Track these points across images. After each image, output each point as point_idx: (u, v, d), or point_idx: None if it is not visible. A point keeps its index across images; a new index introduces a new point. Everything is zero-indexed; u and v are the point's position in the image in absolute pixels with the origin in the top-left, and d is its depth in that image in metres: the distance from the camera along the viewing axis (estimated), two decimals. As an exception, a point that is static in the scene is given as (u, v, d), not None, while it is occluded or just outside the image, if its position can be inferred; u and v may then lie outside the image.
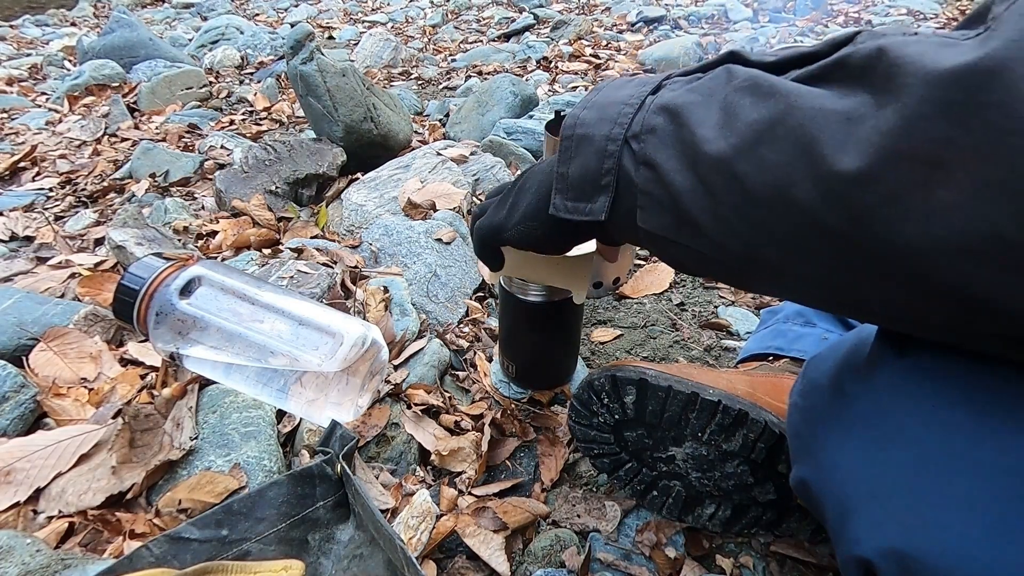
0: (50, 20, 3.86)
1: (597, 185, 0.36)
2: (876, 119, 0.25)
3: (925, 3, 2.74)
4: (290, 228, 1.05)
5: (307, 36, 1.19)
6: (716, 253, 0.33)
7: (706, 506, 0.54)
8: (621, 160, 0.35)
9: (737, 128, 0.30)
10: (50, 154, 1.42)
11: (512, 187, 0.45)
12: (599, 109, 0.37)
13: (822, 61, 0.29)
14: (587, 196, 0.37)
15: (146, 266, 0.63)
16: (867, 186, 0.25)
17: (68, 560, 0.47)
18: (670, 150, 0.32)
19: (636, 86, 0.37)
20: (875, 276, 0.27)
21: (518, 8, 3.30)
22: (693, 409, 0.50)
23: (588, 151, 0.36)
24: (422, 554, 0.53)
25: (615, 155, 0.35)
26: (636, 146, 0.34)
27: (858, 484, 0.34)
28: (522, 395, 0.71)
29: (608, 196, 0.36)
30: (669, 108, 0.33)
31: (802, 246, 0.29)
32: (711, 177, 0.30)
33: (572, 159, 0.37)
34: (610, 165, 0.35)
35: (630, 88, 0.37)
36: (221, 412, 0.62)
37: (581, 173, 0.37)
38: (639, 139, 0.34)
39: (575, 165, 0.37)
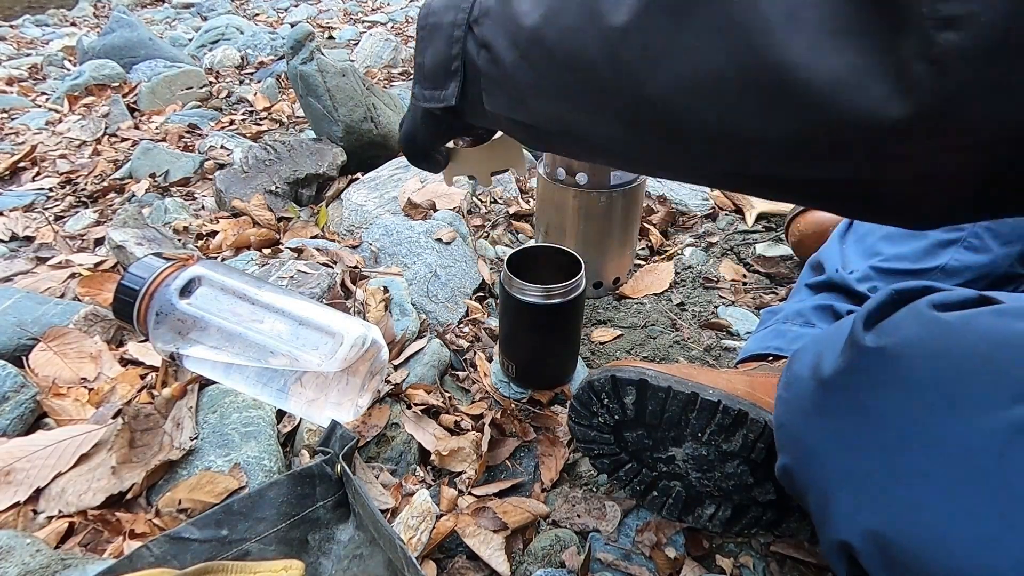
0: (50, 20, 3.86)
1: (448, 71, 0.38)
2: None
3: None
4: (290, 228, 1.05)
5: (307, 36, 1.19)
6: (546, 125, 0.35)
7: (706, 506, 0.54)
8: (466, 45, 0.36)
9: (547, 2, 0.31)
10: (50, 154, 1.42)
11: None
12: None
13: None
14: (440, 83, 0.38)
15: (146, 266, 0.63)
16: (630, 37, 0.27)
17: (68, 560, 0.47)
18: (500, 29, 0.34)
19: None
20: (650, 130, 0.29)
21: (518, 8, 3.30)
22: (693, 409, 0.50)
23: (438, 39, 0.37)
24: (422, 554, 0.53)
25: (460, 40, 0.36)
26: (477, 30, 0.36)
27: (836, 469, 0.35)
28: (522, 395, 0.71)
29: (458, 81, 0.37)
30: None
31: (596, 106, 0.31)
32: (529, 49, 0.32)
33: (426, 48, 0.39)
34: (457, 51, 0.37)
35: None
36: (221, 412, 0.62)
37: (433, 61, 0.38)
38: (479, 22, 0.35)
39: (428, 54, 0.38)
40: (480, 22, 0.35)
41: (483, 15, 0.35)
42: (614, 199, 0.82)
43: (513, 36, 0.33)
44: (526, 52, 0.32)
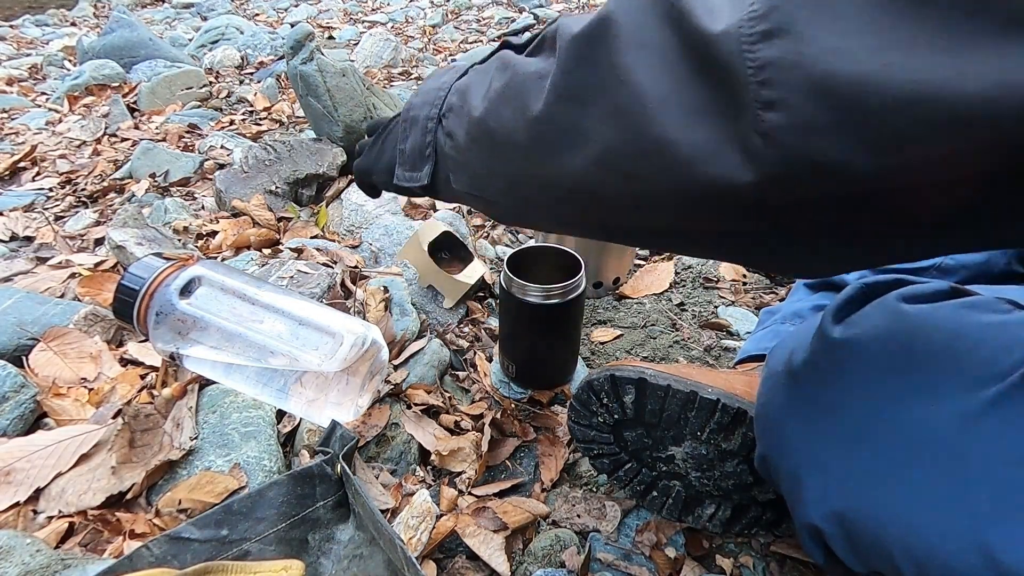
0: (50, 20, 3.86)
1: (423, 156, 0.45)
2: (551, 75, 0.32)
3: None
4: (290, 228, 1.05)
5: (307, 36, 1.19)
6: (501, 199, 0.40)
7: (706, 506, 0.54)
8: (437, 134, 0.43)
9: (488, 95, 0.37)
10: (50, 154, 1.42)
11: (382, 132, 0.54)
12: (424, 95, 0.45)
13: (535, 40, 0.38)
14: (417, 166, 0.45)
15: (146, 266, 0.63)
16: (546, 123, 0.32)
17: (68, 560, 0.47)
18: (459, 120, 0.40)
19: (451, 73, 0.44)
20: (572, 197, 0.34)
21: (518, 8, 3.30)
22: (692, 408, 0.50)
23: (416, 130, 0.45)
24: (422, 554, 0.53)
25: (432, 131, 0.44)
26: (444, 122, 0.42)
27: (805, 456, 0.38)
28: (522, 395, 0.71)
29: (430, 165, 0.45)
30: (461, 89, 0.42)
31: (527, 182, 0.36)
32: (478, 136, 0.38)
33: (407, 137, 0.46)
34: (430, 139, 0.44)
35: (446, 75, 0.45)
36: (221, 412, 0.62)
37: (412, 148, 0.45)
38: (446, 116, 0.42)
39: (408, 142, 0.46)
40: (447, 115, 0.42)
41: (448, 110, 0.42)
42: (614, 199, 0.82)
43: (467, 126, 0.39)
44: (476, 138, 0.39)
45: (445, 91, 0.43)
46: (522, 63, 0.36)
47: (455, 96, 0.42)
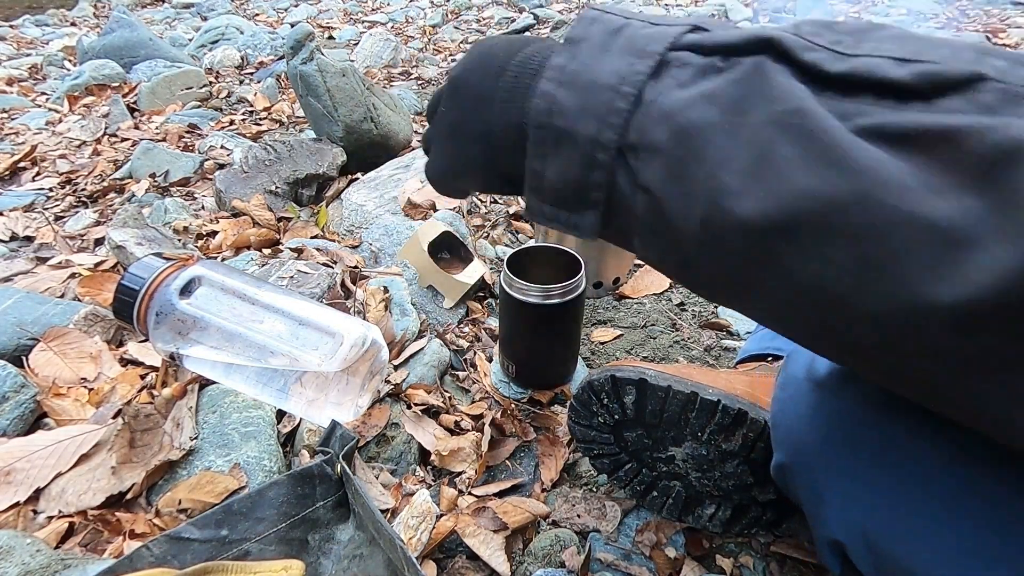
0: (50, 20, 3.85)
1: (584, 198, 0.29)
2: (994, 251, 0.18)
3: (925, 3, 2.74)
4: (290, 228, 1.05)
5: (307, 36, 1.19)
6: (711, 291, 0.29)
7: (706, 506, 0.54)
8: (615, 176, 0.28)
9: (777, 191, 0.22)
10: (50, 154, 1.42)
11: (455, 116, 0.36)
12: (579, 92, 0.28)
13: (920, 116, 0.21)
14: (569, 206, 0.30)
15: (146, 266, 0.63)
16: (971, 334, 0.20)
17: (68, 560, 0.47)
18: (679, 187, 0.25)
19: (627, 55, 0.27)
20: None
21: (518, 8, 3.30)
22: (692, 409, 0.50)
23: (568, 153, 0.28)
24: (422, 554, 0.53)
25: (606, 167, 0.27)
26: (634, 163, 0.27)
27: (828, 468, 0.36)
28: (522, 395, 0.71)
29: (596, 215, 0.29)
30: (678, 125, 0.25)
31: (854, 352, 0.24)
32: (735, 242, 0.24)
33: (548, 156, 0.30)
34: (600, 179, 0.28)
35: (618, 58, 0.27)
36: (221, 412, 0.62)
37: (561, 179, 0.29)
38: (638, 154, 0.26)
39: (553, 167, 0.30)
40: (642, 157, 0.26)
41: (646, 150, 0.26)
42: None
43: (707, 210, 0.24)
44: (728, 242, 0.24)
45: (629, 101, 0.26)
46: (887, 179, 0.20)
47: (663, 129, 0.25)
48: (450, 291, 0.83)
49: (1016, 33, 2.27)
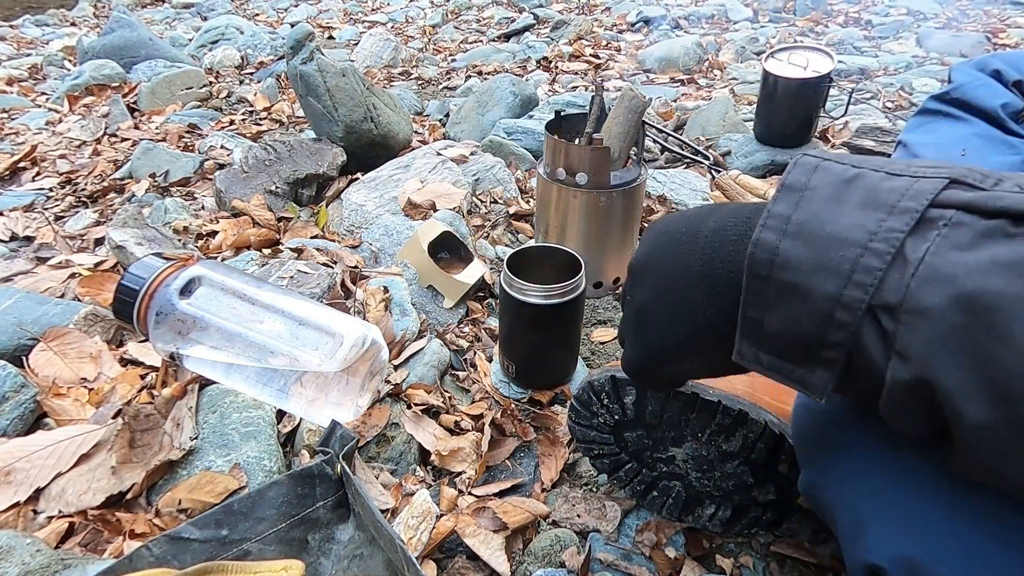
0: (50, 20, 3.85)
1: (815, 355, 0.27)
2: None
3: (925, 3, 2.74)
4: (290, 228, 1.05)
5: (307, 36, 1.19)
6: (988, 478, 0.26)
7: (706, 506, 0.54)
8: (861, 335, 0.25)
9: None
10: (50, 154, 1.42)
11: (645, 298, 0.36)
12: (811, 245, 0.26)
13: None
14: (795, 359, 0.28)
15: (146, 266, 0.63)
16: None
17: (68, 560, 0.47)
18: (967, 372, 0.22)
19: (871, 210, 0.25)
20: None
21: (518, 8, 3.30)
22: (693, 409, 0.50)
23: (799, 308, 0.26)
24: (422, 554, 0.53)
25: (848, 327, 0.25)
26: (890, 324, 0.24)
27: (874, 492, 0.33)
28: (522, 395, 0.71)
29: (832, 373, 0.27)
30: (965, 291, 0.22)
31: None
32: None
33: (768, 307, 0.28)
34: (839, 338, 0.26)
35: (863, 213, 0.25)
36: (221, 412, 0.62)
37: (786, 331, 0.28)
38: (895, 316, 0.24)
39: (776, 318, 0.28)
40: (904, 321, 0.24)
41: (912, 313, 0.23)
42: (614, 199, 0.82)
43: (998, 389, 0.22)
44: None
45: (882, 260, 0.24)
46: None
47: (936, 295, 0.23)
48: (450, 291, 0.83)
49: (1016, 33, 2.27)
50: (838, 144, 1.33)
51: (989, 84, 0.68)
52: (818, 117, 1.23)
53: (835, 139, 1.36)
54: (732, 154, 1.30)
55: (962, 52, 2.05)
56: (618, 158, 0.83)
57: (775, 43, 2.33)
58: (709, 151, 1.30)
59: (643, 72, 2.12)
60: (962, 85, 0.69)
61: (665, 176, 1.19)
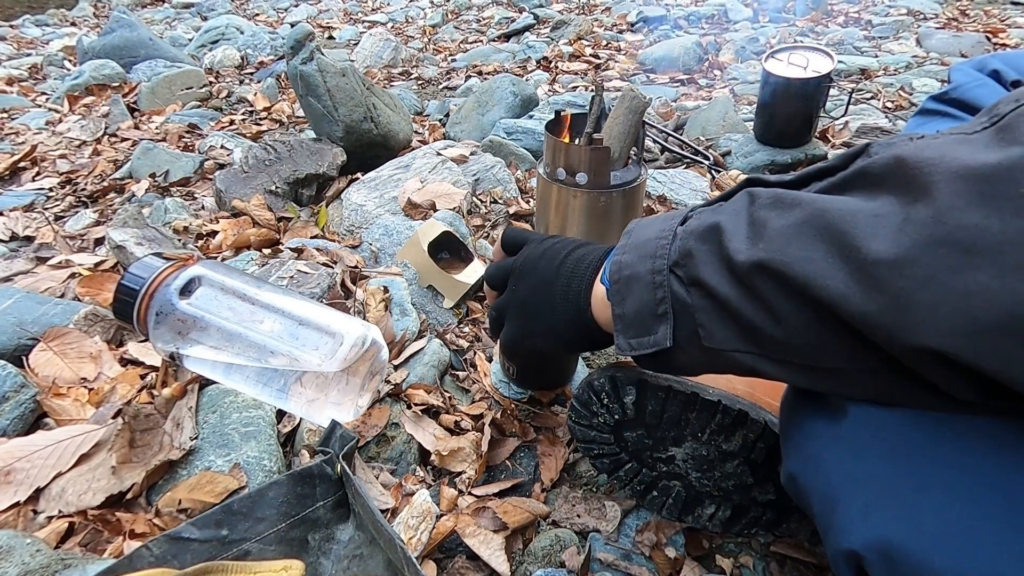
0: (50, 20, 3.86)
1: (655, 315, 0.38)
2: (906, 213, 0.27)
3: (925, 3, 2.74)
4: (290, 228, 1.05)
5: (307, 36, 1.19)
6: (781, 352, 0.34)
7: (706, 506, 0.54)
8: (671, 287, 0.37)
9: (766, 235, 0.32)
10: (50, 154, 1.42)
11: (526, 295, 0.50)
12: (635, 250, 0.40)
13: (841, 173, 0.32)
14: (647, 329, 0.39)
15: (146, 266, 0.63)
16: (903, 270, 0.27)
17: (68, 560, 0.47)
18: (711, 266, 0.35)
19: (664, 221, 0.40)
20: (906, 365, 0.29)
21: (518, 8, 3.30)
22: (693, 409, 0.50)
23: (638, 288, 0.39)
24: (422, 554, 0.53)
25: (664, 284, 0.38)
26: (680, 272, 0.37)
27: (844, 475, 0.34)
28: (522, 395, 0.71)
29: (668, 323, 0.38)
30: (699, 231, 0.37)
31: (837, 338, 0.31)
32: (753, 282, 0.33)
33: (625, 299, 0.40)
34: (662, 294, 0.38)
35: (659, 224, 0.40)
36: (221, 412, 0.62)
37: (637, 309, 0.39)
38: (680, 265, 0.37)
39: (629, 304, 0.40)
40: (683, 264, 0.37)
41: (684, 257, 0.37)
42: (614, 199, 0.82)
43: (730, 270, 0.34)
44: (748, 283, 0.33)
45: (667, 239, 0.39)
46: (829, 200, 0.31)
47: (692, 241, 0.37)
48: (450, 291, 0.83)
49: (1016, 33, 2.27)
50: (838, 144, 1.33)
51: (987, 84, 0.68)
52: (818, 117, 1.23)
53: (835, 139, 1.36)
54: (732, 154, 1.30)
55: (962, 52, 2.05)
56: (618, 158, 0.83)
57: (775, 43, 2.33)
58: (709, 151, 1.30)
59: (643, 72, 2.12)
60: (961, 85, 0.69)
61: (665, 176, 1.19)
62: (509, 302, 0.52)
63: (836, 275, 0.29)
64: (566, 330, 0.48)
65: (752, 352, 0.35)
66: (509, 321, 0.52)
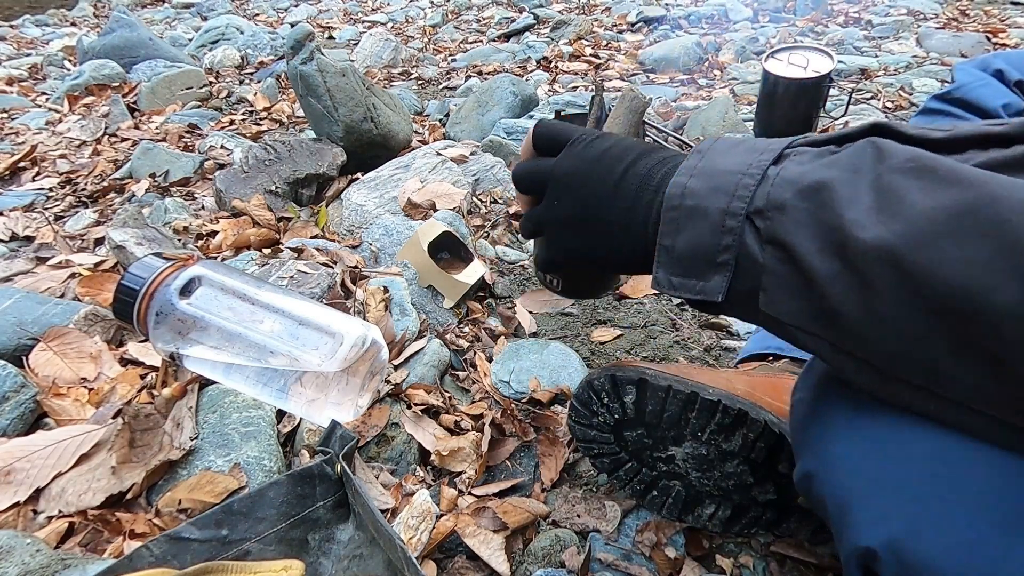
0: (50, 20, 3.86)
1: (712, 262, 0.34)
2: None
3: (925, 3, 2.74)
4: (290, 228, 1.05)
5: (307, 36, 1.19)
6: (859, 348, 0.30)
7: (706, 506, 0.54)
8: (743, 237, 0.32)
9: (904, 215, 0.27)
10: (50, 154, 1.42)
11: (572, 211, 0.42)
12: (709, 178, 0.34)
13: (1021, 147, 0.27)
14: (698, 273, 0.35)
15: (146, 266, 0.62)
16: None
17: (68, 560, 0.47)
18: (807, 230, 0.30)
19: (750, 153, 0.34)
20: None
21: (518, 8, 3.30)
22: (693, 409, 0.50)
23: (700, 225, 0.34)
24: (422, 554, 0.53)
25: (735, 231, 0.33)
26: (761, 223, 0.32)
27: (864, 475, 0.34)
28: (522, 395, 0.71)
29: (725, 275, 0.34)
30: (802, 184, 0.31)
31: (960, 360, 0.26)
32: (866, 266, 0.27)
33: (679, 232, 0.35)
34: (729, 241, 0.33)
35: (743, 155, 0.34)
36: (221, 412, 0.62)
37: (691, 248, 0.34)
38: (764, 216, 0.32)
39: (683, 239, 0.35)
40: (768, 216, 0.31)
41: (773, 208, 0.31)
42: (614, 199, 0.82)
43: (836, 244, 0.28)
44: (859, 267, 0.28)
45: (755, 178, 0.33)
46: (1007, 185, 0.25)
47: (789, 194, 0.31)
48: (450, 291, 0.83)
49: (1016, 33, 2.27)
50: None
51: (991, 84, 0.68)
52: (818, 117, 1.23)
53: (835, 139, 1.36)
54: (732, 154, 1.30)
55: (962, 52, 2.05)
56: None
57: (775, 43, 2.33)
58: (709, 151, 1.30)
59: (643, 72, 2.12)
60: (964, 85, 0.69)
61: (665, 176, 1.19)
62: (549, 217, 0.44)
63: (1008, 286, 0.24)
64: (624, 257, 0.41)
65: (818, 336, 0.31)
66: (550, 238, 0.45)
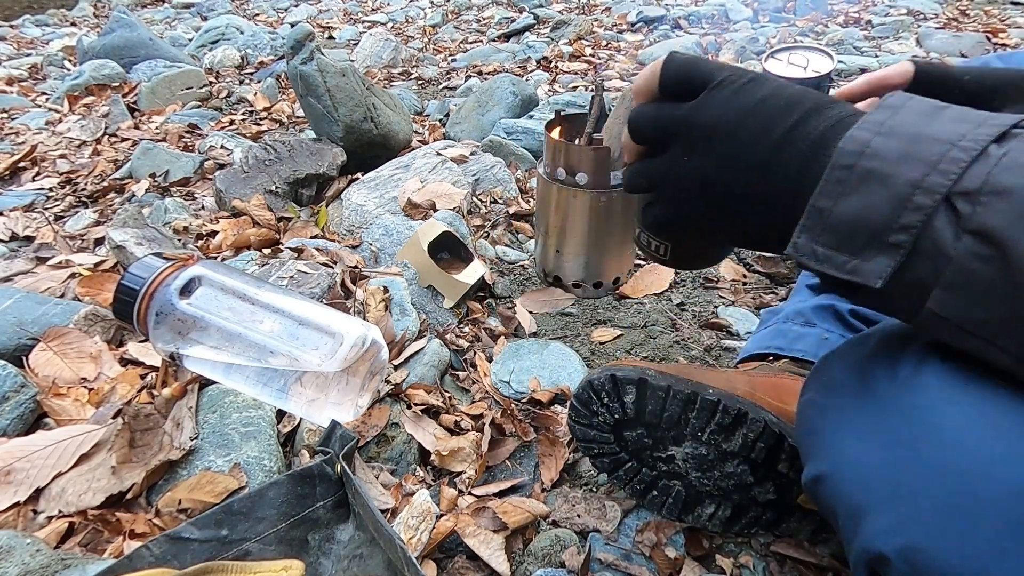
0: (50, 20, 3.86)
1: (879, 240, 0.28)
2: None
3: (925, 3, 2.74)
4: (290, 228, 1.05)
5: (307, 36, 1.19)
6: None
7: (706, 506, 0.54)
8: (933, 220, 0.27)
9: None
10: (50, 154, 1.42)
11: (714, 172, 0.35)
12: (902, 140, 0.28)
13: None
14: (855, 249, 0.29)
15: (146, 266, 0.63)
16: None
17: (68, 560, 0.47)
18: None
19: (961, 122, 0.28)
20: None
21: (518, 8, 3.30)
22: (693, 409, 0.50)
23: (877, 193, 0.28)
24: (422, 554, 0.53)
25: (924, 210, 0.27)
26: (966, 207, 0.26)
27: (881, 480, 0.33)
28: (522, 395, 0.71)
29: (894, 259, 0.28)
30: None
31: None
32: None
33: (844, 195, 0.29)
34: (913, 220, 0.27)
35: (952, 123, 0.28)
36: (221, 412, 0.62)
37: (855, 217, 0.29)
38: (975, 199, 0.26)
39: (848, 205, 0.29)
40: (982, 202, 0.26)
41: (991, 195, 0.26)
42: (614, 199, 0.82)
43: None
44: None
45: (967, 154, 0.27)
46: None
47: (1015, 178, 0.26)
48: (450, 291, 0.83)
49: (1016, 33, 2.27)
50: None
51: None
52: (818, 117, 1.23)
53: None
54: (732, 154, 1.30)
55: (962, 52, 2.05)
56: (618, 158, 0.83)
57: (775, 43, 2.33)
58: (709, 151, 1.30)
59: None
60: None
61: (665, 176, 1.19)
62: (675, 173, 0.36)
63: None
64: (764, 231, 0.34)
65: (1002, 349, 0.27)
66: (671, 198, 0.37)
